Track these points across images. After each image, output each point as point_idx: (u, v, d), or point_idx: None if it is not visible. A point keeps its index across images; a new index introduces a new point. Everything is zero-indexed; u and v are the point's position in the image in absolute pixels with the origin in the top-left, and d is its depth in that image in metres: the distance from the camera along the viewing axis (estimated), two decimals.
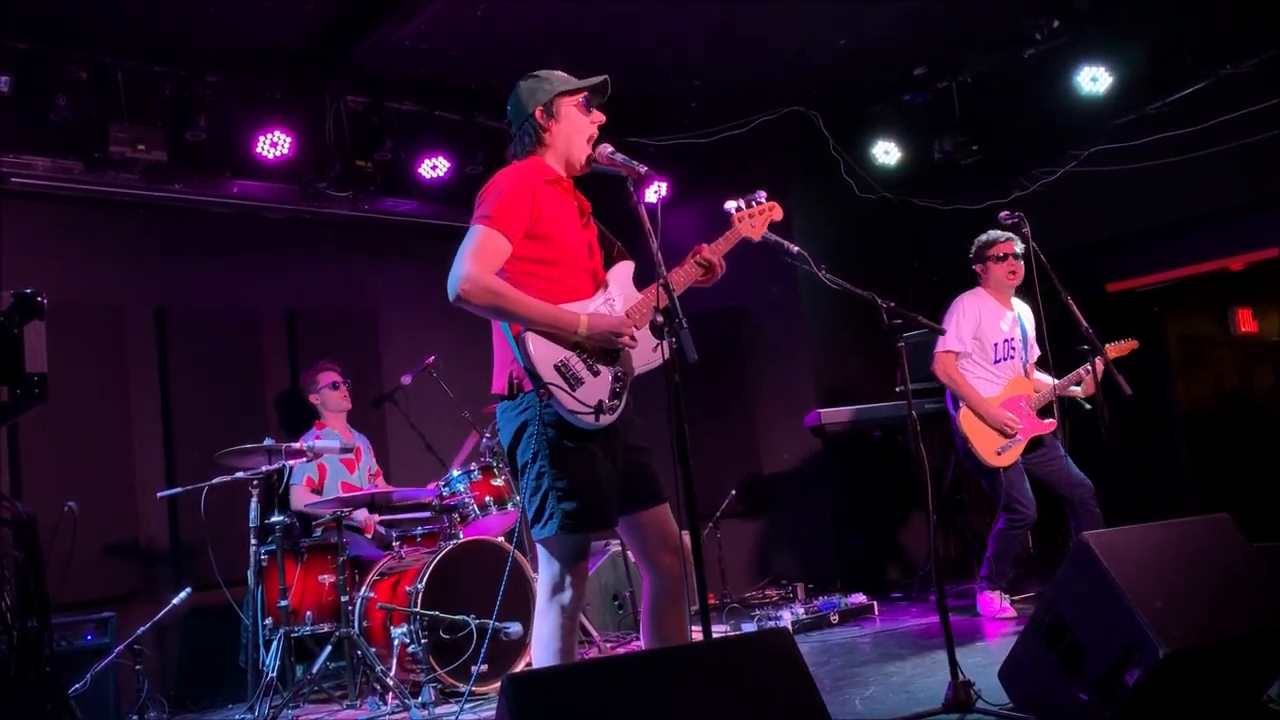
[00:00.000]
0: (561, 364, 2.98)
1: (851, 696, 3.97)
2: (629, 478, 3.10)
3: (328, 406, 5.94)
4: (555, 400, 2.93)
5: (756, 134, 7.22)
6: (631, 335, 3.04)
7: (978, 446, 5.38)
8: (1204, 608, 3.01)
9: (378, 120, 6.42)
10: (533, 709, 2.17)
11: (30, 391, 2.28)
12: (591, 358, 3.03)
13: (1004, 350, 5.53)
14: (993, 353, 5.50)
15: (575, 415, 2.94)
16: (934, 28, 6.34)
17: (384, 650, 4.86)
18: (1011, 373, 5.52)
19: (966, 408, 5.42)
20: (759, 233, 3.44)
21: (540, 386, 2.93)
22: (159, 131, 5.68)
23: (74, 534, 4.12)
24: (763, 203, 3.45)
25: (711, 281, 3.32)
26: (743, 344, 7.61)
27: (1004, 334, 5.53)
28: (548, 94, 3.19)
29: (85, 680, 4.21)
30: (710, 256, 3.27)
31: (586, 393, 2.97)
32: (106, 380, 5.78)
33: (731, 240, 3.36)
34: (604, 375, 3.04)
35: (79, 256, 5.84)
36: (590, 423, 2.95)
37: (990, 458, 5.37)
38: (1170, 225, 6.88)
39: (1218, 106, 6.23)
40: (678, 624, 3.12)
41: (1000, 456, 5.37)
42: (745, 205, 3.43)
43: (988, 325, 5.51)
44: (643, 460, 3.15)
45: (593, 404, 2.96)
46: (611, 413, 3.00)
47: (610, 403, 3.00)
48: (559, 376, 2.96)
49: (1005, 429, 5.35)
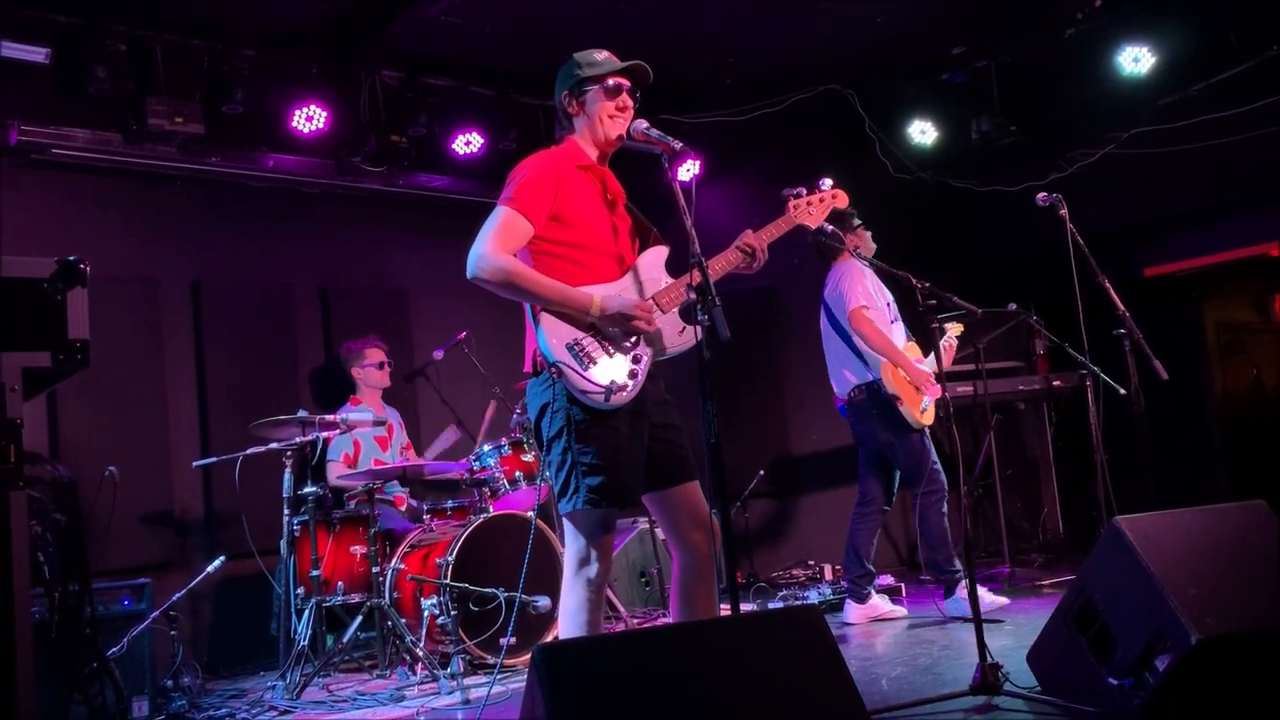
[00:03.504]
0: (574, 343, 2.99)
1: (878, 677, 3.97)
2: (658, 456, 3.11)
3: (368, 383, 5.99)
4: (565, 379, 2.95)
5: (791, 113, 7.17)
6: (648, 319, 3.04)
7: (909, 404, 5.12)
8: (1238, 595, 2.99)
9: (412, 96, 6.43)
10: (564, 679, 2.19)
11: (73, 357, 2.31)
12: (607, 339, 3.04)
13: (893, 312, 5.34)
14: (886, 313, 5.30)
15: (585, 395, 2.96)
16: (973, 7, 6.26)
17: (414, 621, 4.91)
18: (900, 337, 5.32)
19: (890, 366, 5.14)
20: (818, 220, 3.40)
21: (550, 365, 2.96)
22: (196, 105, 5.73)
23: (113, 500, 4.18)
24: (824, 190, 3.41)
25: (753, 268, 3.27)
26: (773, 324, 7.58)
27: (888, 296, 5.36)
28: (574, 79, 3.21)
29: (122, 644, 4.27)
30: (753, 243, 3.23)
31: (599, 373, 2.98)
32: (142, 350, 5.85)
33: (783, 228, 3.33)
34: (619, 357, 3.04)
35: (117, 227, 5.91)
36: (600, 402, 2.96)
37: (919, 416, 5.15)
38: (1210, 209, 6.78)
39: (1262, 88, 6.12)
40: (708, 602, 3.13)
41: (924, 415, 5.17)
42: (807, 192, 3.39)
43: (877, 285, 5.33)
44: (674, 439, 3.15)
45: (604, 384, 2.96)
46: (623, 393, 3.00)
47: (624, 382, 3.00)
48: (570, 356, 2.97)
49: (923, 386, 5.13)
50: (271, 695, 4.63)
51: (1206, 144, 6.32)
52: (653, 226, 3.34)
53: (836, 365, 5.43)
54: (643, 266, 3.21)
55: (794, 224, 3.37)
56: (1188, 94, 6.43)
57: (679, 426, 3.18)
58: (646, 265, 3.22)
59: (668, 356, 3.16)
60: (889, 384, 5.15)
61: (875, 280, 5.34)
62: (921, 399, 5.18)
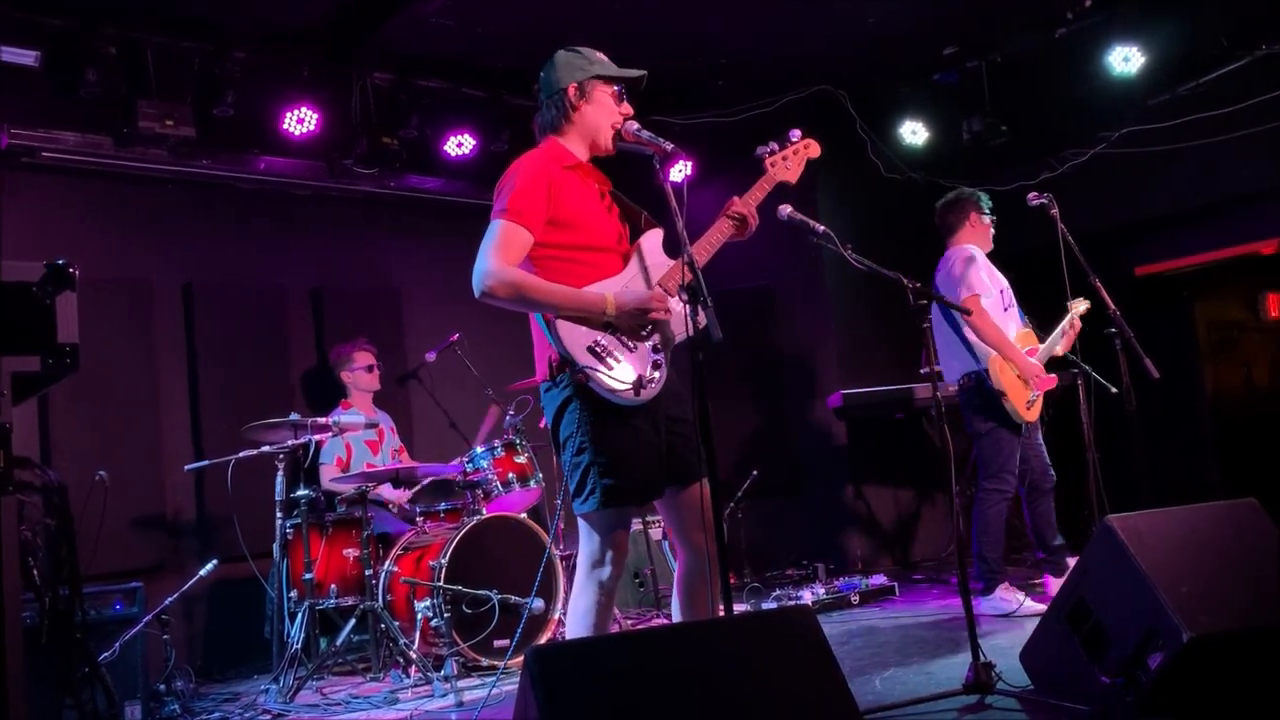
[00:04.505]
0: (594, 345, 2.96)
1: (872, 676, 3.97)
2: (675, 451, 3.07)
3: (358, 386, 5.98)
4: (594, 383, 2.92)
5: (783, 113, 7.16)
6: (665, 307, 3.00)
7: (1014, 400, 5.02)
8: (1230, 593, 3.00)
9: (404, 97, 6.42)
10: (556, 681, 2.19)
11: (62, 361, 2.31)
12: (626, 334, 3.01)
13: (1008, 298, 5.25)
14: (1001, 300, 5.20)
15: (615, 395, 2.93)
16: (964, 7, 6.26)
17: (407, 624, 4.90)
18: (1015, 324, 5.23)
19: (1000, 358, 5.03)
20: (796, 174, 3.34)
21: (577, 371, 2.92)
22: (187, 107, 5.71)
23: (104, 504, 4.17)
24: (795, 141, 3.36)
25: (746, 235, 3.22)
26: (767, 324, 7.58)
27: (1002, 283, 5.26)
28: (585, 73, 3.16)
29: (114, 649, 4.26)
30: (742, 209, 3.19)
31: (624, 370, 2.96)
32: (134, 353, 5.83)
33: (765, 188, 3.28)
34: (642, 349, 3.02)
35: (108, 231, 5.89)
36: (631, 398, 2.93)
37: (1024, 412, 5.05)
38: (1201, 209, 6.79)
39: (1252, 88, 6.14)
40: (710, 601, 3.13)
41: (1029, 411, 5.08)
42: (779, 146, 3.34)
43: (993, 273, 5.25)
44: (687, 433, 3.10)
45: (631, 380, 2.94)
46: (653, 385, 2.98)
47: (650, 374, 2.98)
48: (593, 358, 2.94)
49: (1032, 380, 5.07)
50: (265, 699, 4.62)
51: (1197, 143, 6.34)
52: (641, 210, 3.29)
53: (946, 353, 5.27)
54: (645, 252, 3.17)
55: (775, 181, 3.31)
56: (1178, 93, 6.46)
57: (689, 419, 3.12)
58: (647, 251, 3.17)
59: (680, 340, 3.10)
60: (995, 378, 5.02)
61: (989, 266, 5.24)
62: (1029, 394, 5.07)
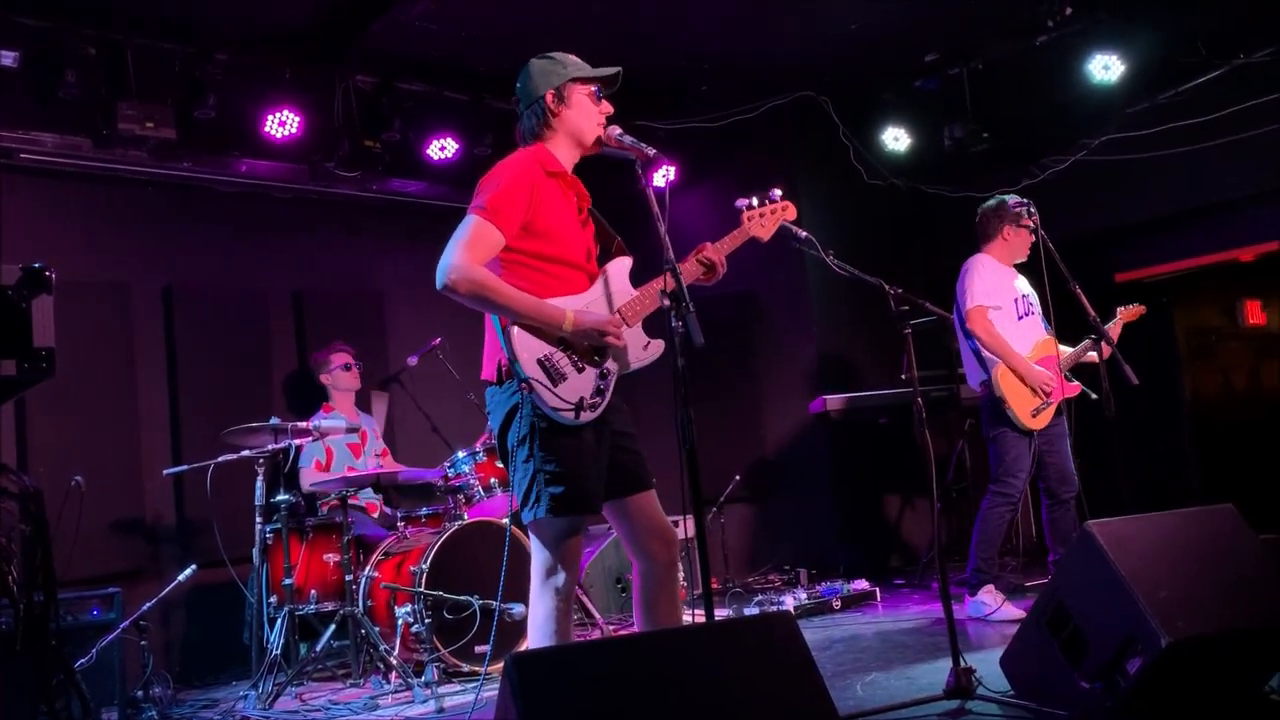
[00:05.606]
0: (545, 359, 2.97)
1: (853, 682, 3.98)
2: (617, 464, 3.09)
3: (338, 387, 5.95)
4: (536, 395, 2.92)
5: (766, 119, 7.19)
6: (618, 334, 3.02)
7: (1016, 408, 5.09)
8: (1207, 598, 3.01)
9: (387, 101, 6.41)
10: (536, 688, 2.18)
11: (37, 366, 2.29)
12: (577, 354, 3.02)
13: (1024, 306, 5.30)
14: (1014, 309, 5.26)
15: (556, 412, 2.93)
16: (946, 14, 6.31)
17: (388, 629, 4.88)
18: (1035, 332, 5.28)
19: (1005, 366, 5.10)
20: (769, 233, 3.42)
21: (521, 380, 2.92)
22: (168, 109, 5.68)
23: (80, 509, 4.13)
24: (776, 201, 3.43)
25: (712, 281, 3.27)
26: (749, 329, 7.59)
27: (1019, 291, 5.32)
28: (561, 78, 3.16)
29: (91, 655, 4.22)
30: (713, 256, 3.22)
31: (568, 389, 2.96)
32: (113, 357, 5.79)
33: (738, 240, 3.35)
34: (589, 372, 3.02)
35: (87, 233, 5.85)
36: (570, 419, 2.94)
37: (1027, 420, 5.11)
38: (1180, 215, 6.85)
39: (1231, 96, 6.20)
40: (670, 609, 3.12)
41: (1035, 419, 5.14)
42: (758, 203, 3.41)
43: (1004, 282, 5.30)
44: (630, 446, 3.13)
45: (573, 401, 2.95)
46: (593, 410, 2.99)
47: (592, 399, 2.99)
48: (541, 372, 2.95)
49: (1041, 388, 5.12)
50: (244, 705, 4.59)
51: (1176, 151, 6.40)
52: (616, 234, 3.31)
53: (967, 360, 5.41)
54: (610, 278, 3.18)
55: (748, 236, 3.37)
56: (1157, 101, 6.52)
57: (633, 434, 3.16)
58: (613, 276, 3.18)
59: (632, 370, 3.14)
60: (998, 385, 5.11)
61: (1002, 275, 5.30)
62: (1034, 402, 5.14)
